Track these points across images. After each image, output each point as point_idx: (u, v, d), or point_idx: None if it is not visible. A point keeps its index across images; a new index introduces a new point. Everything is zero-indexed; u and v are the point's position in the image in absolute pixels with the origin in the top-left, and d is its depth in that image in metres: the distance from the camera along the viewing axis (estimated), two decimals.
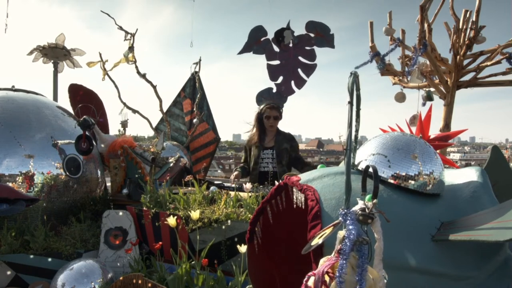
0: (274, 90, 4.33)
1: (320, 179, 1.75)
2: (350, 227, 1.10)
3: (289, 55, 4.28)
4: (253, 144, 4.06)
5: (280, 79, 4.32)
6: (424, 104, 5.08)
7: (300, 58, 4.29)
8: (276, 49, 4.32)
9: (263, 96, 4.31)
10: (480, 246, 1.50)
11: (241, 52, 4.34)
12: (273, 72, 4.31)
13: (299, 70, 4.29)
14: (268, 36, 4.32)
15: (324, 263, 1.16)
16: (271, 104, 3.97)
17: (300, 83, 4.30)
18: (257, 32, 4.29)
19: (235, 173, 4.02)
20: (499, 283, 1.48)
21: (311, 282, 1.15)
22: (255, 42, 4.29)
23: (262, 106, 4.06)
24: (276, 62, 4.33)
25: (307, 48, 4.26)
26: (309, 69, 4.28)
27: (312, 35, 4.24)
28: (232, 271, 2.50)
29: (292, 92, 4.32)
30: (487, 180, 1.87)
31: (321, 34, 4.21)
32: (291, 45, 4.27)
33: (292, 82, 4.31)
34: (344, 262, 1.07)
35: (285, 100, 4.33)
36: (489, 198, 1.75)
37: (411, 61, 4.92)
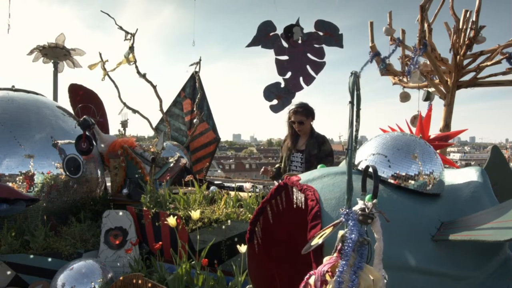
0: (282, 85, 4.27)
1: (320, 179, 1.75)
2: (352, 227, 1.10)
3: (298, 52, 4.23)
4: (285, 145, 3.94)
5: (289, 74, 4.27)
6: (429, 104, 5.03)
7: (309, 55, 4.23)
8: (285, 44, 4.28)
9: (270, 90, 4.25)
10: (480, 246, 1.50)
11: (249, 45, 4.27)
12: (281, 67, 4.25)
13: (308, 67, 4.23)
14: (277, 31, 4.27)
15: (325, 262, 1.16)
16: (295, 108, 3.80)
17: (309, 79, 4.24)
18: (266, 27, 4.23)
19: (269, 168, 3.90)
20: (499, 283, 1.48)
21: (312, 280, 1.15)
22: (264, 36, 4.24)
23: (290, 109, 3.88)
24: (285, 57, 4.28)
25: (316, 45, 4.21)
26: (318, 67, 4.23)
27: (321, 33, 4.20)
28: (232, 271, 2.50)
29: (301, 88, 4.24)
30: (487, 180, 1.87)
31: (329, 33, 4.17)
32: (300, 41, 4.22)
33: (301, 78, 4.25)
34: (345, 262, 1.07)
35: (293, 96, 4.26)
36: (489, 198, 1.75)
37: (411, 61, 4.92)
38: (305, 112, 3.76)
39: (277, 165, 4.05)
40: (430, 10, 4.67)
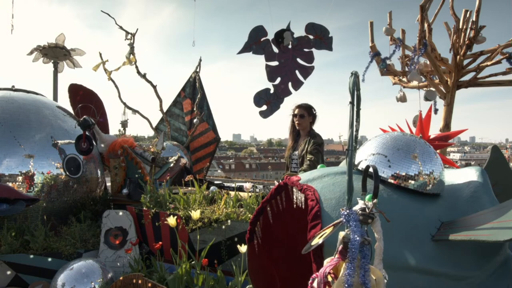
0: (272, 91, 4.34)
1: (320, 179, 1.75)
2: (354, 229, 1.09)
3: (288, 57, 4.28)
4: (288, 145, 4.08)
5: (278, 80, 4.33)
6: (435, 109, 5.05)
7: (298, 60, 4.30)
8: (275, 50, 4.32)
9: (260, 96, 4.32)
10: (480, 246, 1.50)
11: (240, 52, 4.34)
12: (271, 73, 4.32)
13: (297, 72, 4.30)
14: (268, 37, 4.31)
15: (326, 264, 1.16)
16: (299, 103, 3.96)
17: (297, 84, 4.32)
18: (257, 32, 4.28)
19: None
20: (499, 283, 1.48)
21: (315, 284, 1.14)
22: (255, 42, 4.28)
23: (294, 105, 4.04)
24: (275, 63, 4.33)
25: (306, 50, 4.27)
26: (307, 71, 4.29)
27: (311, 37, 4.25)
28: (232, 271, 2.50)
29: (289, 93, 4.33)
30: (487, 180, 1.87)
31: (320, 37, 4.21)
32: (290, 46, 4.27)
33: (290, 84, 4.32)
34: (353, 265, 1.06)
35: (281, 101, 4.34)
36: (489, 198, 1.75)
37: (412, 60, 4.93)
38: (307, 110, 3.92)
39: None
40: (430, 10, 4.67)
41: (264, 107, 4.36)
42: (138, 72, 5.05)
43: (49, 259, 2.85)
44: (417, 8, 4.48)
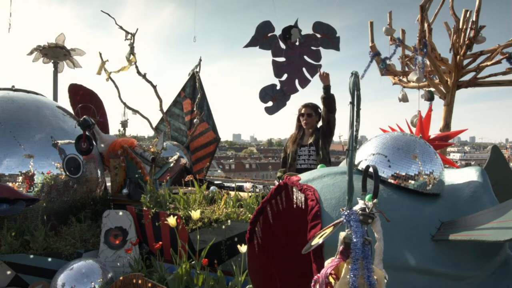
0: (278, 87, 4.30)
1: (320, 179, 1.75)
2: (356, 229, 1.09)
3: (295, 54, 4.25)
4: (291, 141, 4.06)
5: (285, 76, 4.29)
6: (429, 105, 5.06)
7: (306, 58, 4.26)
8: (283, 46, 4.28)
9: (266, 92, 4.28)
10: (480, 246, 1.50)
11: (247, 46, 4.28)
12: (278, 69, 4.28)
13: (304, 69, 4.27)
14: (275, 32, 4.28)
15: (327, 265, 1.16)
16: (306, 103, 3.97)
17: (304, 82, 4.27)
18: (265, 27, 4.24)
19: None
20: (499, 283, 1.48)
21: (318, 286, 1.14)
22: (262, 37, 4.25)
23: (301, 105, 4.05)
24: (282, 59, 4.29)
25: (313, 48, 4.24)
26: (314, 69, 4.26)
27: (318, 35, 4.22)
28: (232, 271, 2.50)
29: (296, 90, 4.28)
30: (487, 180, 1.87)
31: (327, 36, 4.19)
32: (297, 43, 4.24)
33: (296, 81, 4.28)
34: (357, 267, 1.06)
35: (288, 98, 4.30)
36: (489, 198, 1.75)
37: (416, 61, 4.93)
38: (314, 109, 3.94)
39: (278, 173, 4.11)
40: (430, 10, 4.68)
41: (270, 103, 4.32)
42: (138, 72, 5.06)
43: (49, 259, 2.86)
44: (417, 8, 4.49)
